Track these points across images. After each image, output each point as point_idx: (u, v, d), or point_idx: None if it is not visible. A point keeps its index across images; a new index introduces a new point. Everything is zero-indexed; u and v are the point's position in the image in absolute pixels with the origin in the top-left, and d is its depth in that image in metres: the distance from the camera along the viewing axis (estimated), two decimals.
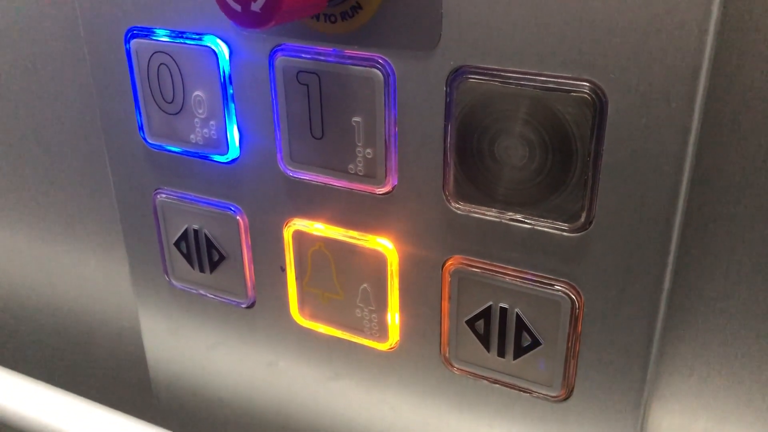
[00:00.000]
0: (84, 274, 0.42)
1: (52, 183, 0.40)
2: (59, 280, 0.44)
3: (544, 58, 0.23)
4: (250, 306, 0.34)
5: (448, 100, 0.25)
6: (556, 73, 0.23)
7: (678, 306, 0.27)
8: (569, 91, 0.23)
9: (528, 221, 0.25)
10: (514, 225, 0.26)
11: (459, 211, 0.26)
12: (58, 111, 0.38)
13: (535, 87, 0.23)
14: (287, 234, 0.31)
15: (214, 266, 0.33)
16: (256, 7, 0.21)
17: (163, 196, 0.33)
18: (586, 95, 0.22)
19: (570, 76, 0.23)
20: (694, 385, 0.28)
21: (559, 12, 0.22)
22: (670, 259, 0.24)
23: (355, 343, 0.31)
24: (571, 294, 0.26)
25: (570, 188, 0.24)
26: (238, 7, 0.22)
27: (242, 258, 0.32)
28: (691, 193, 0.24)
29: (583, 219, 0.24)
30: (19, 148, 0.40)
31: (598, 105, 0.22)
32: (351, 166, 0.28)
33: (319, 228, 0.30)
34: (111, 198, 0.38)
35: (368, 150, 0.27)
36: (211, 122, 0.30)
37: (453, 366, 0.29)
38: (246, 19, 0.22)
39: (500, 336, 0.28)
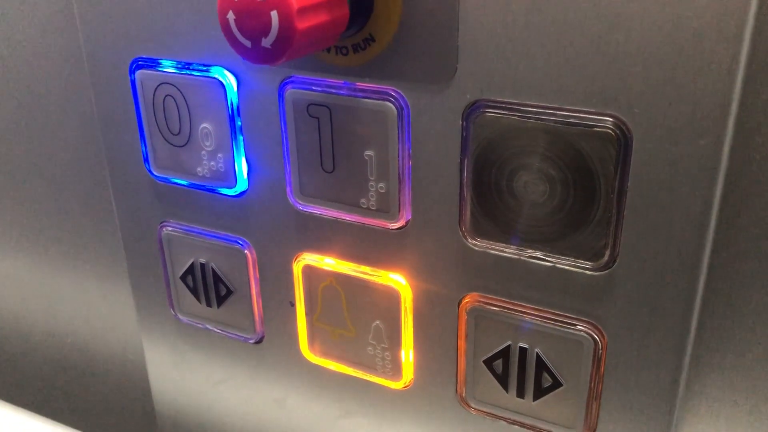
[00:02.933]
0: (89, 306, 0.41)
1: (56, 215, 0.39)
2: (63, 313, 0.43)
3: (564, 91, 0.22)
4: (259, 341, 0.33)
5: (464, 134, 0.24)
6: (578, 107, 0.22)
7: (705, 344, 0.26)
8: (592, 126, 0.22)
9: (549, 259, 0.24)
10: (534, 262, 0.25)
11: (476, 248, 0.25)
12: (61, 141, 0.37)
13: (555, 122, 0.22)
14: (297, 269, 0.30)
15: (221, 301, 0.33)
16: (266, 43, 0.20)
17: (169, 229, 0.32)
18: (609, 130, 0.22)
19: (593, 110, 0.22)
20: (722, 426, 0.27)
21: (581, 44, 0.21)
22: (698, 298, 0.23)
23: (367, 381, 0.30)
24: (594, 334, 0.25)
25: (593, 225, 0.23)
26: (248, 43, 0.21)
27: (250, 293, 0.32)
28: (718, 230, 0.23)
29: (606, 257, 0.23)
30: (22, 179, 0.39)
31: (622, 141, 0.22)
32: (363, 200, 0.27)
33: (329, 263, 0.29)
34: (116, 230, 0.37)
35: (381, 184, 0.26)
36: (219, 155, 0.29)
37: (470, 406, 0.28)
38: (256, 55, 0.21)
39: (519, 376, 0.27)
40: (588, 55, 0.21)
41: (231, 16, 0.21)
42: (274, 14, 0.20)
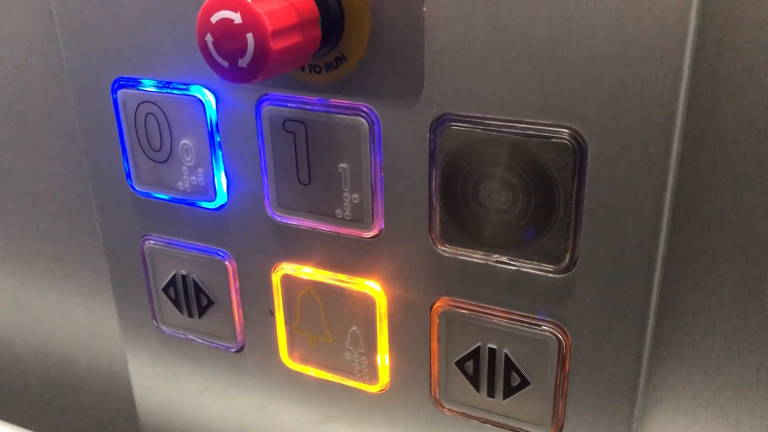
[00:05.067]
0: (72, 320, 0.42)
1: (40, 230, 0.40)
2: (47, 327, 0.43)
3: (524, 105, 0.23)
4: (239, 350, 0.34)
5: (432, 146, 0.25)
6: (537, 120, 0.23)
7: (663, 342, 0.27)
8: (550, 138, 0.23)
9: (513, 263, 0.26)
10: (500, 267, 0.26)
11: (446, 254, 0.27)
12: (46, 159, 0.38)
13: (516, 134, 0.24)
14: (276, 278, 0.31)
15: (202, 311, 0.34)
16: (243, 63, 0.22)
17: (151, 242, 0.33)
18: (566, 141, 0.23)
19: (550, 123, 0.23)
20: (681, 419, 0.28)
21: (539, 62, 0.23)
22: (653, 296, 0.25)
23: (345, 385, 0.32)
24: (558, 334, 0.26)
25: (553, 231, 0.25)
26: (225, 63, 0.22)
27: (231, 302, 0.33)
28: (671, 232, 0.25)
29: (567, 260, 0.25)
30: (5, 195, 0.40)
31: (578, 151, 0.23)
32: (338, 210, 0.28)
33: (307, 272, 0.30)
34: (98, 244, 0.38)
35: (355, 195, 0.27)
36: (199, 170, 0.30)
37: (443, 407, 0.30)
38: (233, 74, 0.22)
39: (489, 376, 0.28)
40: (545, 72, 0.23)
41: (209, 38, 0.22)
42: (249, 36, 0.21)
